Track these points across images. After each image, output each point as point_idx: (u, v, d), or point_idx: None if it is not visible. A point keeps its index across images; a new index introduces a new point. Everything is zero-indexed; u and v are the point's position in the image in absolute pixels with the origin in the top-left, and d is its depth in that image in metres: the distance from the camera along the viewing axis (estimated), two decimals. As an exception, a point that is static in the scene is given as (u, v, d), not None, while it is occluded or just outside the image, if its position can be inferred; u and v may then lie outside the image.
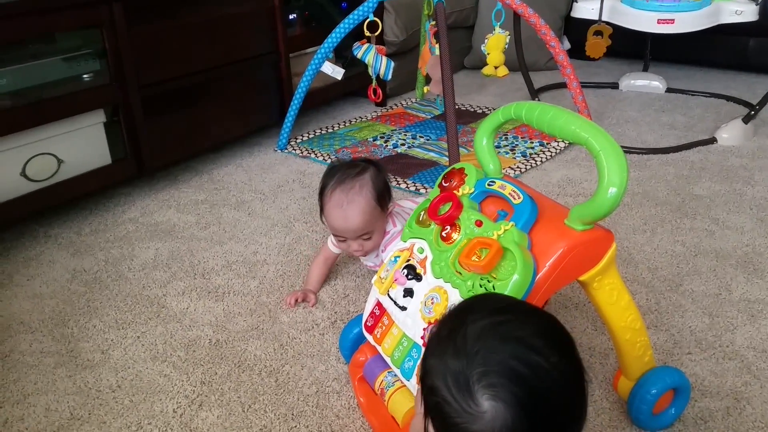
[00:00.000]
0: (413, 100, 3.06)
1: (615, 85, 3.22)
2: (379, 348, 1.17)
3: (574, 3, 2.69)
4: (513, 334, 0.70)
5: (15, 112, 1.73)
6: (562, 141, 2.46)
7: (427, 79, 2.55)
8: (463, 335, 0.70)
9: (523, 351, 0.68)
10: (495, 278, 0.98)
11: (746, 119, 2.48)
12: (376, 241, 1.49)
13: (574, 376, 0.70)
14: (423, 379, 0.73)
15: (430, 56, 2.43)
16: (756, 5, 2.45)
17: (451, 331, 0.72)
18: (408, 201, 1.67)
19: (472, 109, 2.92)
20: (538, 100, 2.73)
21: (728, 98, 2.97)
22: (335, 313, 1.53)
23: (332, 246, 1.59)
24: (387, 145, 2.53)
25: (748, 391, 1.24)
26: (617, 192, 0.92)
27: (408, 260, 1.15)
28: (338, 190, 1.45)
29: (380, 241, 1.50)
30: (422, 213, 1.17)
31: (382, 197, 1.47)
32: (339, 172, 1.48)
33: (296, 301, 1.55)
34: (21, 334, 1.48)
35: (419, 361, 1.06)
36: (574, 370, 0.70)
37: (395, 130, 2.70)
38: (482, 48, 2.36)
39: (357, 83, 2.79)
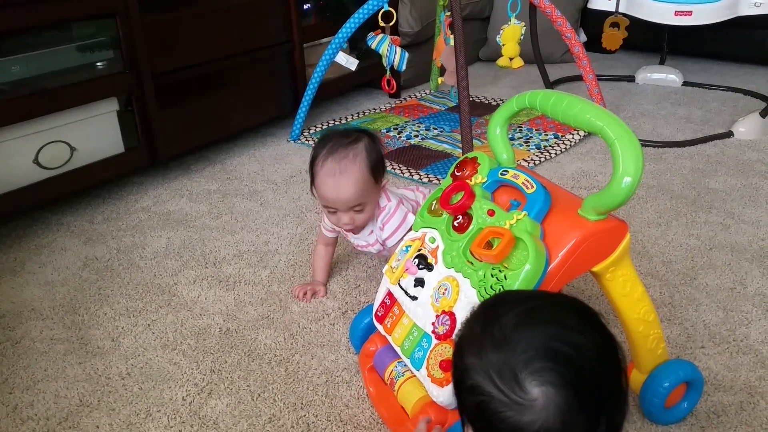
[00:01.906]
0: (427, 92, 3.05)
1: (631, 78, 3.19)
2: (389, 338, 1.16)
3: (591, -6, 2.67)
4: (548, 318, 0.70)
5: (28, 100, 1.73)
6: (577, 133, 2.44)
7: (442, 71, 2.54)
8: (499, 327, 0.70)
9: (562, 332, 0.68)
10: (507, 268, 0.97)
11: (764, 113, 2.45)
12: (368, 215, 1.42)
13: (611, 349, 0.70)
14: (460, 382, 0.71)
15: (444, 47, 2.42)
16: (775, -3, 2.41)
17: (485, 327, 0.72)
18: (403, 189, 1.62)
19: (487, 101, 2.91)
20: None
21: (745, 92, 2.93)
22: (346, 303, 1.52)
23: (326, 231, 1.54)
24: (400, 137, 2.52)
25: (762, 386, 1.22)
26: (632, 181, 0.91)
27: (419, 250, 1.14)
28: (330, 159, 1.37)
29: (371, 216, 1.44)
30: (434, 202, 1.16)
31: (377, 168, 1.40)
32: (331, 141, 1.40)
33: (304, 294, 1.53)
34: (32, 321, 1.48)
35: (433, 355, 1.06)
36: (611, 344, 0.71)
37: (409, 121, 2.69)
38: (497, 39, 2.35)
39: (371, 74, 2.78)
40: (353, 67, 2.45)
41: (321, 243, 1.58)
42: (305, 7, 2.60)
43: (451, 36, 2.19)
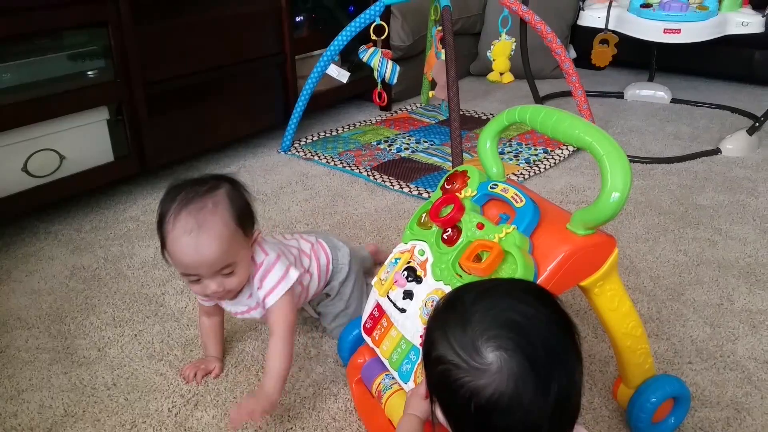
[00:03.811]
0: (418, 105, 3.06)
1: (620, 95, 3.21)
2: (377, 350, 1.16)
3: (581, 11, 2.69)
4: (503, 293, 0.76)
5: (18, 107, 1.72)
6: (566, 148, 2.45)
7: (433, 84, 2.55)
8: (461, 303, 0.76)
9: (516, 304, 0.74)
10: (495, 281, 0.97)
11: (751, 131, 2.47)
12: (241, 277, 1.16)
13: (564, 323, 0.75)
14: (428, 355, 0.76)
15: (435, 61, 2.43)
16: (762, 17, 2.44)
17: (448, 305, 0.78)
18: (296, 237, 1.39)
19: (477, 115, 2.92)
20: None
21: (733, 110, 2.96)
22: (334, 315, 1.52)
23: (201, 300, 1.29)
24: (391, 149, 2.52)
25: (749, 402, 1.23)
26: (620, 197, 0.91)
27: (408, 262, 1.14)
28: (184, 213, 1.09)
29: (246, 276, 1.18)
30: (424, 215, 1.17)
31: (244, 217, 1.16)
32: (182, 192, 1.12)
33: (195, 375, 1.30)
34: (17, 330, 1.47)
35: (418, 363, 1.06)
36: (564, 319, 0.75)
37: (399, 134, 2.69)
38: (488, 54, 2.36)
39: (362, 87, 2.80)
40: (344, 80, 2.46)
41: (202, 314, 1.34)
42: (297, 19, 2.61)
43: (443, 50, 2.21)
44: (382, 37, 2.28)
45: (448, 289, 1.03)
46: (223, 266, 1.12)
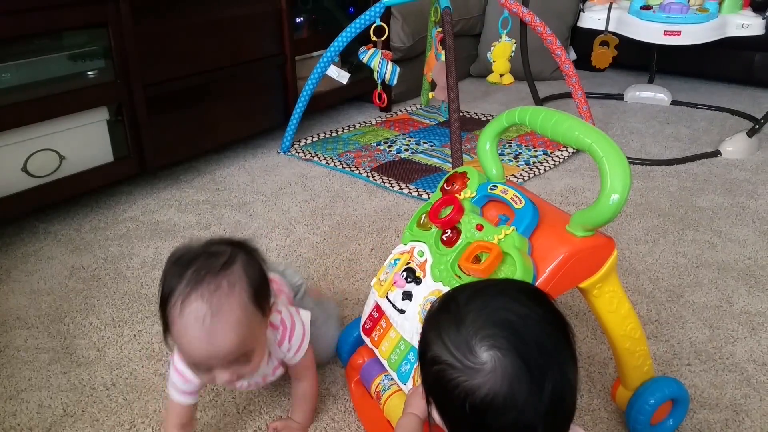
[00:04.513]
0: (418, 106, 3.06)
1: (620, 97, 3.21)
2: (376, 351, 1.16)
3: (581, 13, 2.69)
4: (496, 292, 0.76)
5: (18, 108, 1.72)
6: (566, 150, 2.45)
7: (433, 86, 2.56)
8: (455, 303, 0.76)
9: (509, 303, 0.74)
10: (494, 283, 0.97)
11: (750, 133, 2.47)
12: (257, 362, 1.00)
13: (558, 322, 0.75)
14: (423, 356, 0.77)
15: (435, 62, 2.43)
16: (762, 19, 2.44)
17: (442, 305, 0.78)
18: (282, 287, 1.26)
19: (477, 117, 2.92)
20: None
21: (733, 112, 2.97)
22: (333, 316, 1.52)
23: (178, 393, 1.08)
24: (390, 151, 2.52)
25: (748, 404, 1.23)
26: (619, 199, 0.91)
27: (408, 263, 1.14)
28: (195, 296, 0.91)
29: (262, 358, 1.03)
30: (423, 216, 1.17)
31: (262, 294, 0.99)
32: (192, 267, 0.94)
33: None
34: (17, 330, 1.47)
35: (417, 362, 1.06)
36: (558, 318, 0.75)
37: (399, 135, 2.69)
38: (488, 55, 2.36)
39: (362, 88, 2.80)
40: (345, 81, 2.46)
41: (174, 413, 1.10)
42: (297, 20, 2.61)
43: (442, 51, 2.21)
44: (382, 39, 2.28)
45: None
46: (239, 356, 0.95)
